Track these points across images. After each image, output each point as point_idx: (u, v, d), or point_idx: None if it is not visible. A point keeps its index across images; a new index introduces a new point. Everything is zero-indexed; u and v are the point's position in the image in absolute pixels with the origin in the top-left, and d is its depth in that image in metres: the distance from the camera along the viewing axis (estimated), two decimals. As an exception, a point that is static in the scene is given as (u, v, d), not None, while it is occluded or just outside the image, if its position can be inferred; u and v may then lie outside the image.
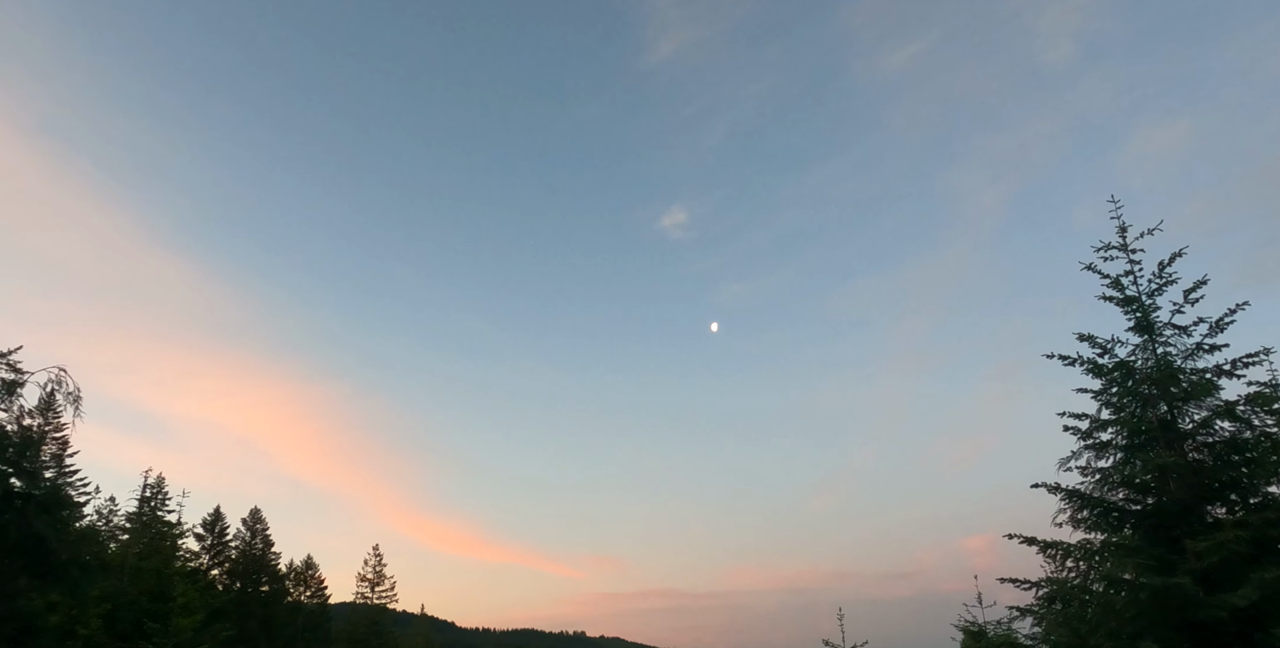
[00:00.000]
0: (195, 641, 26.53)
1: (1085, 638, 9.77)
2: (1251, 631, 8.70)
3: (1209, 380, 10.35)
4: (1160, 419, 10.56)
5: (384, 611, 57.50)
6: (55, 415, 20.13)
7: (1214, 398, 10.26)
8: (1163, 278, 10.99)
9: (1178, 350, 10.86)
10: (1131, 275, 11.29)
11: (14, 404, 17.05)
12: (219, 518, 47.70)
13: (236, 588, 46.11)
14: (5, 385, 17.01)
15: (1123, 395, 11.03)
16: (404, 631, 66.65)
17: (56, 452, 24.72)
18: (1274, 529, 9.10)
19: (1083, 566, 10.42)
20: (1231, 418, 10.09)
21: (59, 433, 23.44)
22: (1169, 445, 10.28)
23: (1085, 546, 10.49)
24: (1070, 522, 11.01)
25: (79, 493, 34.67)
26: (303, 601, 53.65)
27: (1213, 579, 9.13)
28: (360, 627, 55.04)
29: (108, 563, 27.70)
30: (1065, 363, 11.49)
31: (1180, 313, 10.84)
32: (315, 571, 55.78)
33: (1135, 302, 11.18)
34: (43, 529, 15.79)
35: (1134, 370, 10.98)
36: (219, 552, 46.89)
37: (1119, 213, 11.46)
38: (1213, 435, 10.34)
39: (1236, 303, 10.42)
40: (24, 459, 16.92)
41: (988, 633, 18.85)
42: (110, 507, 39.18)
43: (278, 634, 47.02)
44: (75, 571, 16.80)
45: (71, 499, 19.76)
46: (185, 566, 36.66)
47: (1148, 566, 9.30)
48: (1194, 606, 8.90)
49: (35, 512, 16.21)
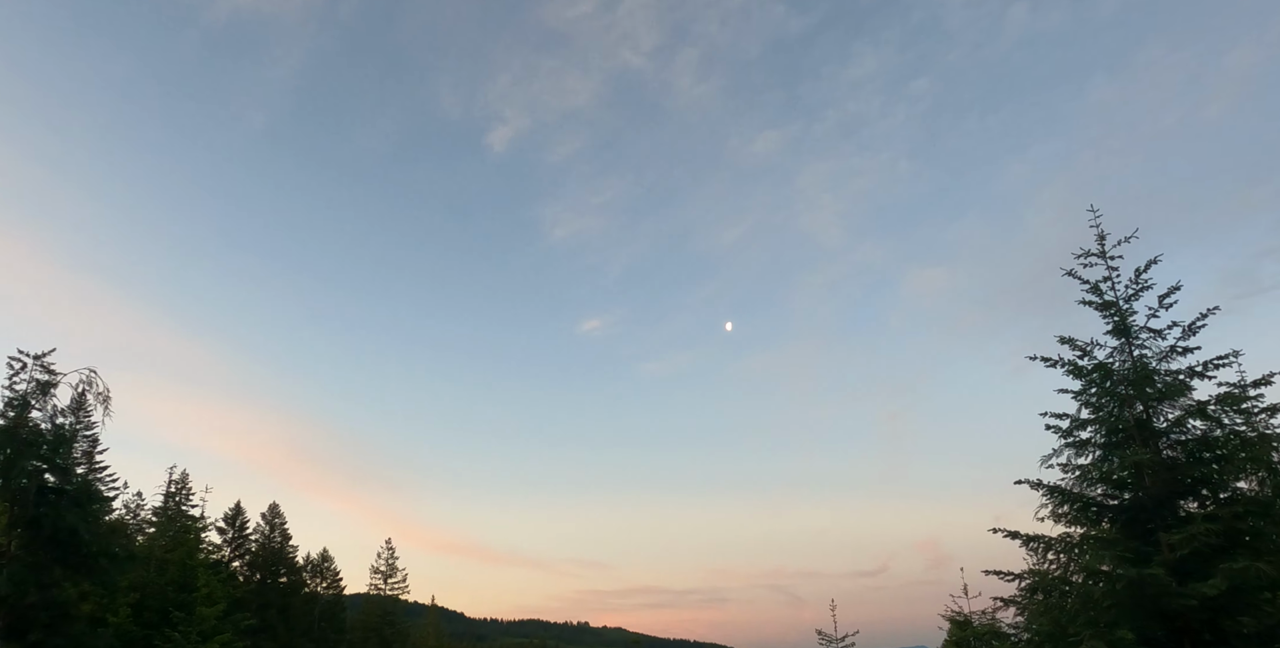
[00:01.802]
0: (218, 629, 26.67)
1: (1065, 627, 9.83)
2: (1220, 619, 8.82)
3: (1182, 382, 10.45)
4: (1136, 418, 10.66)
5: (396, 601, 57.54)
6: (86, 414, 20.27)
7: (1186, 398, 10.37)
8: (1139, 283, 11.06)
9: (1153, 353, 10.95)
10: (1110, 281, 11.37)
11: (48, 404, 17.23)
12: (239, 513, 47.86)
13: (256, 579, 46.22)
14: (39, 386, 17.19)
15: (1101, 396, 11.11)
16: (415, 620, 66.70)
17: (87, 449, 24.89)
18: (1242, 523, 9.23)
19: (1063, 558, 10.51)
20: (1203, 417, 10.20)
21: (89, 431, 23.64)
22: (1144, 443, 10.37)
23: (1066, 539, 10.60)
24: (1052, 516, 11.08)
25: (108, 488, 34.83)
26: (319, 592, 53.74)
27: (1185, 570, 9.23)
28: (374, 617, 55.11)
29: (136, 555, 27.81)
30: (1047, 364, 11.57)
31: (1155, 317, 10.92)
32: (331, 563, 55.90)
33: (1113, 306, 11.24)
34: (75, 523, 15.92)
35: (1112, 372, 11.05)
36: (239, 545, 47.01)
37: (1098, 222, 11.55)
38: (1185, 434, 10.44)
39: (1208, 307, 10.53)
40: (57, 456, 17.05)
41: (973, 623, 18.92)
42: (138, 501, 39.43)
43: (295, 623, 47.11)
44: (105, 562, 16.91)
45: (101, 494, 19.90)
46: (208, 558, 36.78)
47: (1124, 557, 9.41)
48: (1167, 595, 9.00)
49: (68, 506, 16.34)
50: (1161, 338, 10.91)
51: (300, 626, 47.64)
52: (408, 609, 61.18)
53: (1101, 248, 11.43)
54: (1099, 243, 11.45)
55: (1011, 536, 10.84)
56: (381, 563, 58.30)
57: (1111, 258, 11.35)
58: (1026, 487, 11.10)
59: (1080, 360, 11.28)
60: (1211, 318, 10.42)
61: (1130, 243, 11.19)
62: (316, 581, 54.16)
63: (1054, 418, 11.39)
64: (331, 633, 51.90)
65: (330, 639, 51.29)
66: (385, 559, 58.47)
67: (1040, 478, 11.07)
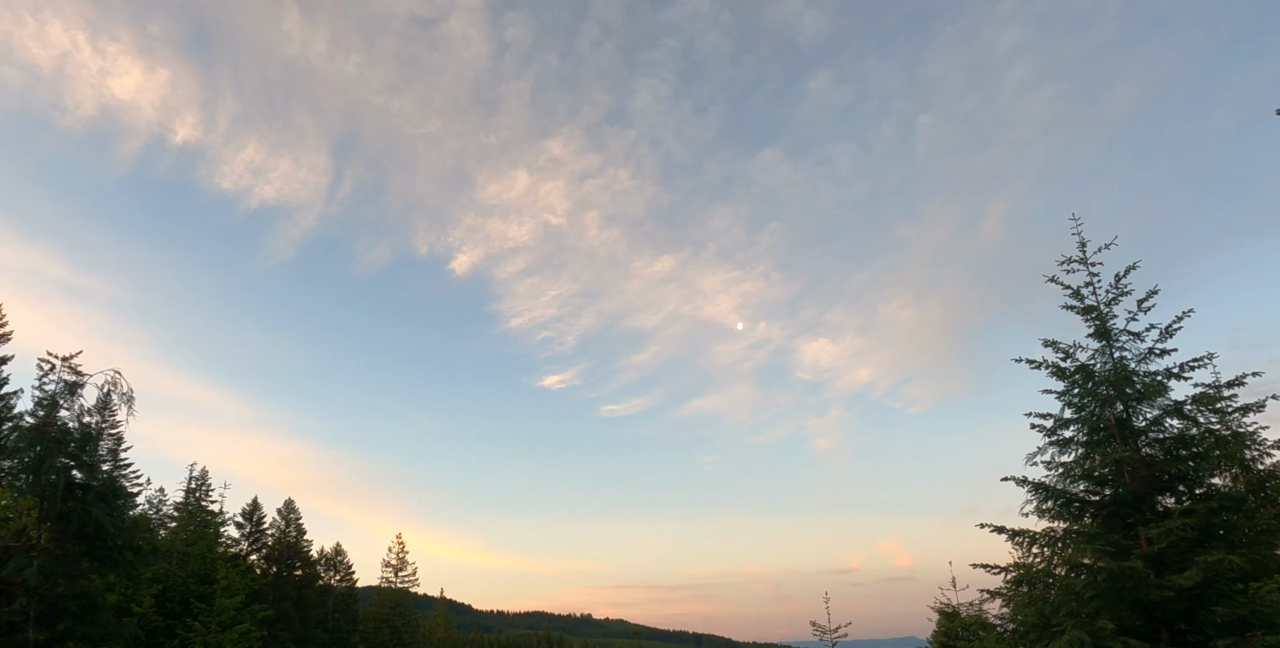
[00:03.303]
0: (237, 619, 26.79)
1: (1049, 618, 9.89)
2: (1196, 608, 8.90)
3: (1160, 382, 10.50)
4: (1117, 418, 10.71)
5: (406, 594, 57.60)
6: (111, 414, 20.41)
7: (1164, 398, 10.41)
8: (1119, 288, 11.11)
9: (1132, 355, 11.00)
10: (1091, 287, 11.45)
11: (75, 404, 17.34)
12: (256, 508, 47.97)
13: (273, 572, 46.31)
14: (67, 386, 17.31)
15: (1083, 396, 11.15)
16: (425, 612, 66.80)
17: (112, 447, 25.09)
18: (1216, 517, 9.29)
19: (1047, 551, 10.55)
20: (1180, 416, 10.25)
21: (114, 430, 23.80)
22: (1124, 441, 10.44)
23: (1049, 533, 10.65)
24: (1036, 512, 11.11)
25: (132, 484, 35.03)
26: (333, 584, 53.81)
27: (1162, 563, 9.32)
28: (385, 608, 55.22)
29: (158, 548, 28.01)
30: (1032, 366, 11.63)
31: (1134, 320, 10.97)
32: (344, 557, 55.97)
33: (1094, 310, 11.30)
34: (101, 517, 16.01)
35: (1093, 373, 11.10)
36: (256, 539, 47.12)
37: (1079, 229, 11.64)
38: (1163, 432, 10.49)
39: (1184, 310, 10.61)
40: (84, 454, 17.13)
41: (960, 614, 18.98)
42: (160, 497, 39.51)
43: (310, 614, 47.22)
44: (130, 555, 16.99)
45: (126, 490, 19.96)
46: (227, 551, 36.87)
47: (1105, 551, 9.46)
48: (1145, 587, 9.07)
49: (94, 501, 16.42)
50: (1140, 340, 10.98)
51: (315, 616, 47.74)
52: (418, 601, 61.31)
53: (1083, 255, 11.48)
54: (1080, 250, 11.50)
55: (998, 531, 10.90)
56: (393, 557, 58.40)
57: (1092, 264, 11.44)
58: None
59: (1063, 362, 11.35)
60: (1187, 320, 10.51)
61: (1110, 250, 11.29)
62: (330, 574, 54.24)
63: (1039, 417, 11.43)
64: (344, 624, 51.98)
65: (343, 630, 51.38)
66: (396, 554, 58.58)
67: (1025, 475, 11.14)
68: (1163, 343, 10.70)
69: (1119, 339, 11.15)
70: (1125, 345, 11.11)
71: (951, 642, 18.74)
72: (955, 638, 18.49)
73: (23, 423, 17.24)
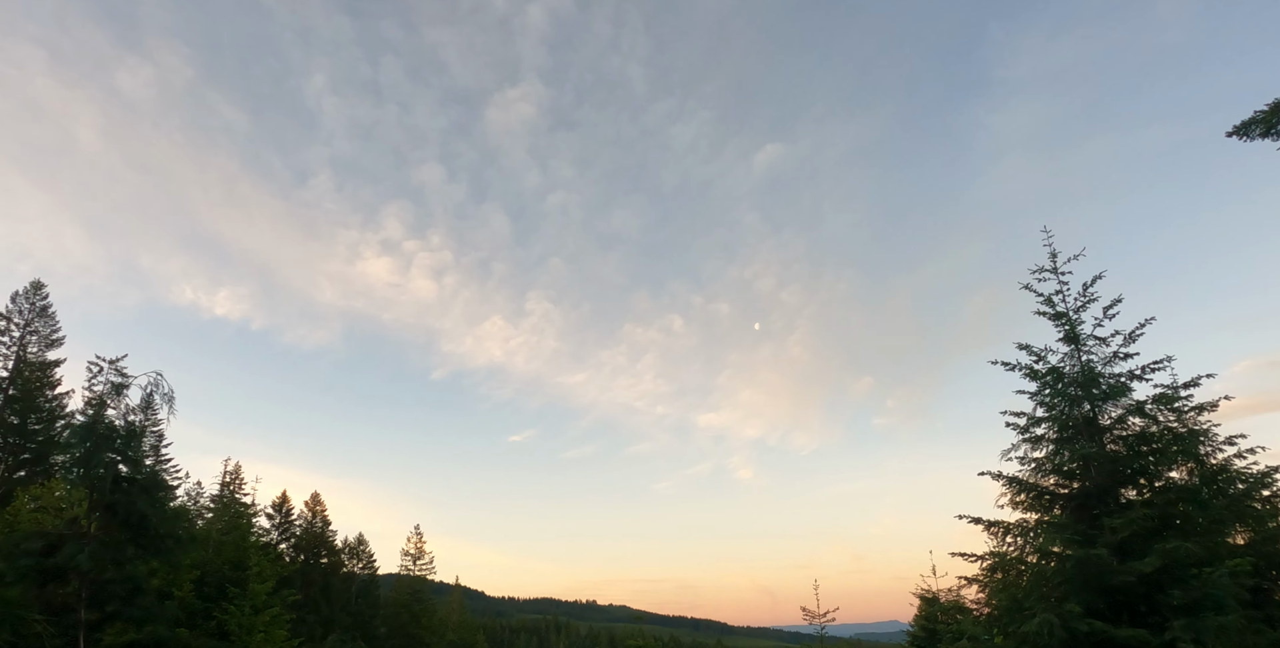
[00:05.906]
0: (268, 603, 27.01)
1: (1021, 601, 10.02)
2: (1155, 593, 9.05)
3: (1123, 383, 10.64)
4: (1084, 416, 10.84)
5: (424, 581, 57.77)
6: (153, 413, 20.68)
7: (1127, 398, 10.54)
8: (1086, 296, 11.26)
9: (1098, 358, 11.11)
10: (1061, 294, 11.58)
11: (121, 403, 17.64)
12: (285, 500, 48.29)
13: (301, 560, 46.53)
14: (114, 387, 17.59)
15: (1054, 396, 11.24)
16: (441, 598, 66.90)
17: (154, 443, 25.37)
18: (1174, 508, 9.47)
19: (1020, 541, 10.69)
20: (1141, 415, 10.39)
21: (155, 427, 24.08)
22: (1091, 438, 10.57)
23: (1022, 524, 10.77)
24: (1010, 504, 11.22)
25: (172, 478, 35.38)
26: (356, 571, 53.96)
27: (1125, 550, 9.45)
28: (404, 594, 55.38)
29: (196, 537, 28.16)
30: (1007, 368, 11.77)
31: (1100, 326, 11.11)
32: (366, 546, 56.15)
33: (1064, 316, 11.43)
34: (144, 508, 16.26)
35: (1063, 375, 11.20)
36: (285, 529, 47.38)
37: (1050, 241, 11.82)
38: (1126, 430, 10.62)
39: (1146, 318, 10.81)
40: (129, 449, 17.38)
41: (939, 599, 19.11)
42: (197, 489, 39.77)
43: (335, 599, 47.44)
44: (171, 543, 17.23)
45: (166, 483, 20.24)
46: (258, 540, 37.03)
47: (1073, 540, 9.62)
48: (1110, 572, 9.20)
49: (138, 493, 16.68)
50: (1106, 345, 11.11)
51: (339, 601, 47.97)
52: (434, 588, 61.37)
53: (1054, 265, 11.61)
54: (1051, 260, 11.64)
55: (975, 521, 11.06)
56: (411, 547, 58.62)
57: (1062, 274, 11.62)
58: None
59: (1036, 365, 11.50)
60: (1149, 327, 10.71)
61: (1079, 260, 11.48)
62: (353, 562, 54.41)
63: (1013, 416, 11.53)
64: (366, 608, 52.14)
65: (365, 614, 51.55)
66: (414, 543, 58.80)
67: (1000, 470, 11.31)
68: (1126, 347, 10.87)
69: (1086, 343, 11.29)
70: (1092, 349, 11.24)
71: (932, 625, 18.88)
72: (935, 621, 18.63)
73: (74, 421, 17.58)
